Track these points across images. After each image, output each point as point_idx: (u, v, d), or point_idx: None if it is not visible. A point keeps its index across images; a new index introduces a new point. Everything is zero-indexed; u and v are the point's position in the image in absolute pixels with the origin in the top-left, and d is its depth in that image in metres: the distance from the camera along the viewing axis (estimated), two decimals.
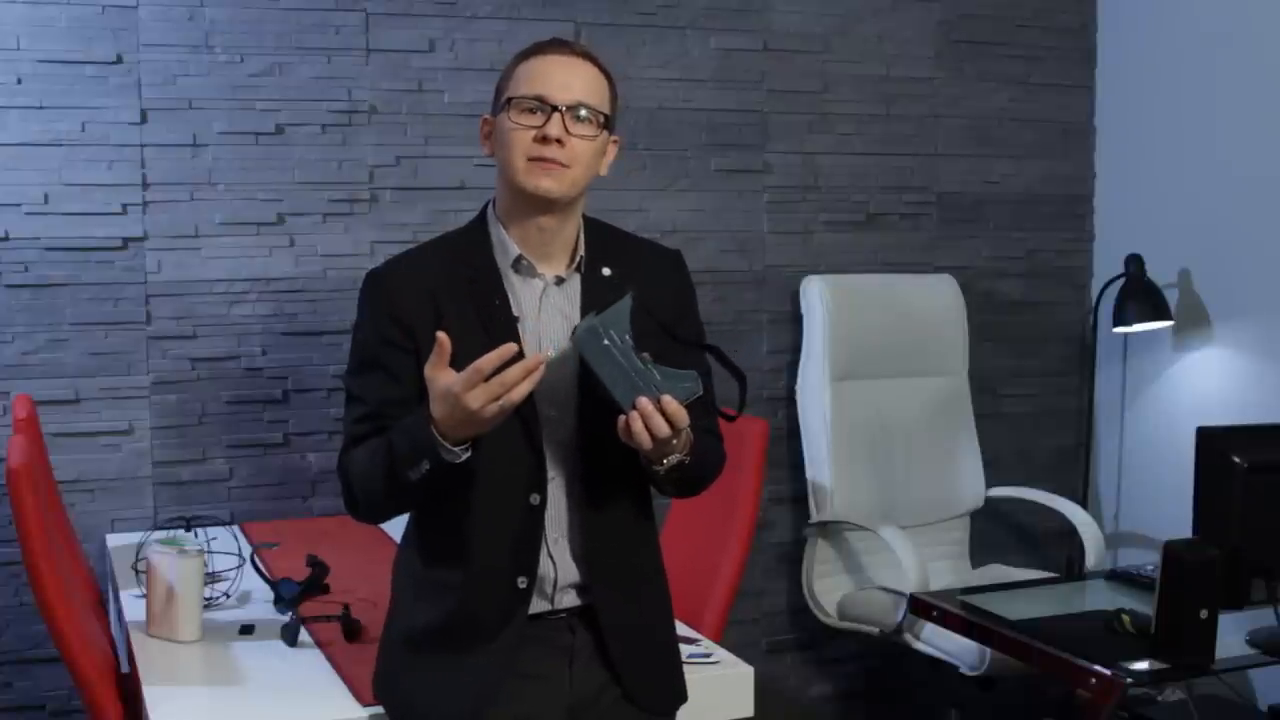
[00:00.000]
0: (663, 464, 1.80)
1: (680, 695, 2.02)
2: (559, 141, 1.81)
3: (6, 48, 3.05)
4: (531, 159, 1.82)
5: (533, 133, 1.82)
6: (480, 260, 1.89)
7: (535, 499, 1.86)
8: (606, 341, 1.74)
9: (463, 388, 1.67)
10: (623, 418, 1.74)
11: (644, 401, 1.72)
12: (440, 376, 1.70)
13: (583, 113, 1.83)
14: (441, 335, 1.70)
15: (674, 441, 1.76)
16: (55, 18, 3.08)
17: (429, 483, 1.76)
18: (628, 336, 1.75)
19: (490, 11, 3.44)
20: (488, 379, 1.66)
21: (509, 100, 1.85)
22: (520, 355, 1.69)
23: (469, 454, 1.75)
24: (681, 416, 1.74)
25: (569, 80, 1.84)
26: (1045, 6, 4.03)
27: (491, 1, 3.45)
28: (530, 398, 1.76)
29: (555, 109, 1.82)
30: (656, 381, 1.74)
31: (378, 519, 1.94)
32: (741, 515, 2.77)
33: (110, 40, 3.13)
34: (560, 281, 1.90)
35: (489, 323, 1.84)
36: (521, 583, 1.86)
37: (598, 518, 1.90)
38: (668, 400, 1.73)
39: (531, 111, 1.83)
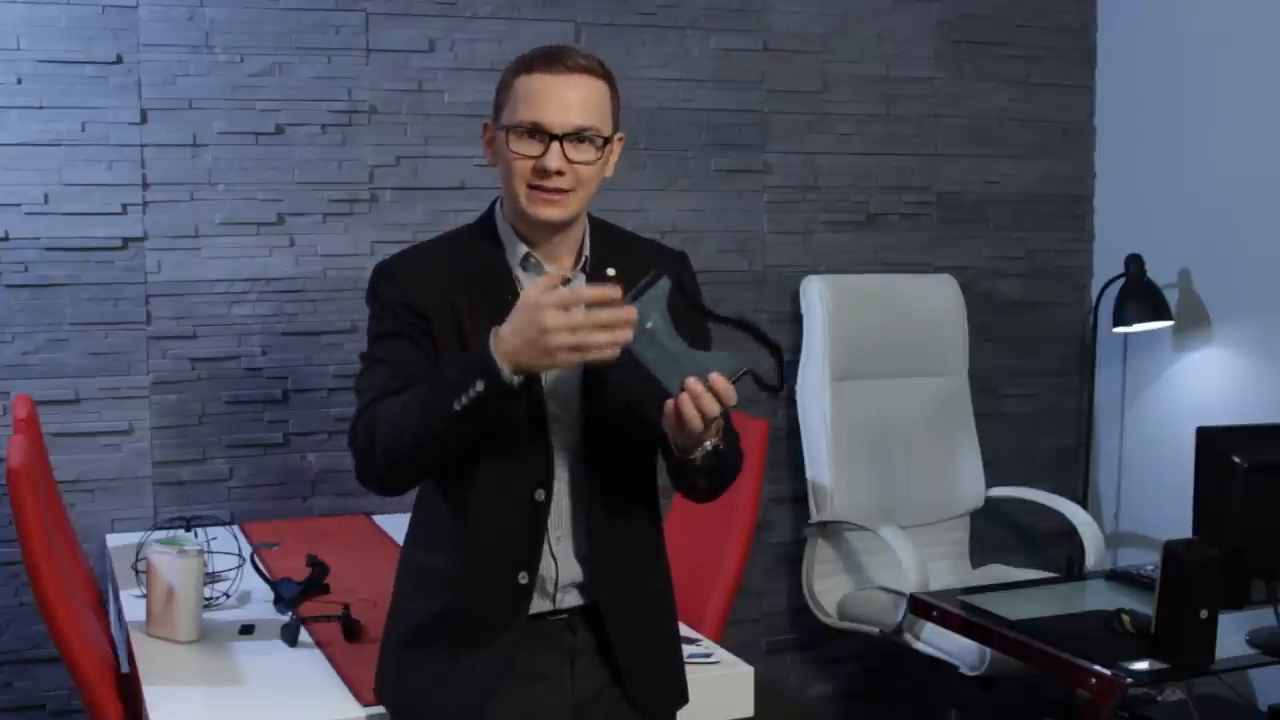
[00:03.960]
0: (698, 451, 1.77)
1: (681, 697, 2.02)
2: (559, 172, 1.78)
3: (6, 48, 3.05)
4: (533, 187, 1.80)
5: (532, 163, 1.79)
6: (490, 258, 1.88)
7: (540, 495, 1.84)
8: (650, 325, 1.70)
9: (555, 301, 1.63)
10: (670, 402, 1.70)
11: (693, 382, 1.69)
12: (536, 287, 1.67)
13: (584, 136, 1.80)
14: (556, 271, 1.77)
15: (712, 425, 1.74)
16: (55, 18, 3.08)
17: (472, 416, 1.68)
18: (668, 318, 1.71)
19: (490, 11, 3.44)
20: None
21: (507, 128, 1.81)
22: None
23: (521, 381, 1.68)
24: (730, 394, 1.71)
25: (567, 103, 1.78)
26: (1045, 6, 4.03)
27: (491, 1, 3.44)
28: (541, 393, 1.77)
29: (554, 138, 1.78)
30: (701, 360, 1.72)
31: (395, 477, 1.83)
32: (741, 515, 2.77)
33: (110, 40, 3.13)
34: (566, 282, 1.87)
35: (502, 319, 1.76)
36: (522, 579, 1.85)
37: (601, 519, 1.89)
38: (715, 378, 1.70)
39: (530, 137, 1.79)
